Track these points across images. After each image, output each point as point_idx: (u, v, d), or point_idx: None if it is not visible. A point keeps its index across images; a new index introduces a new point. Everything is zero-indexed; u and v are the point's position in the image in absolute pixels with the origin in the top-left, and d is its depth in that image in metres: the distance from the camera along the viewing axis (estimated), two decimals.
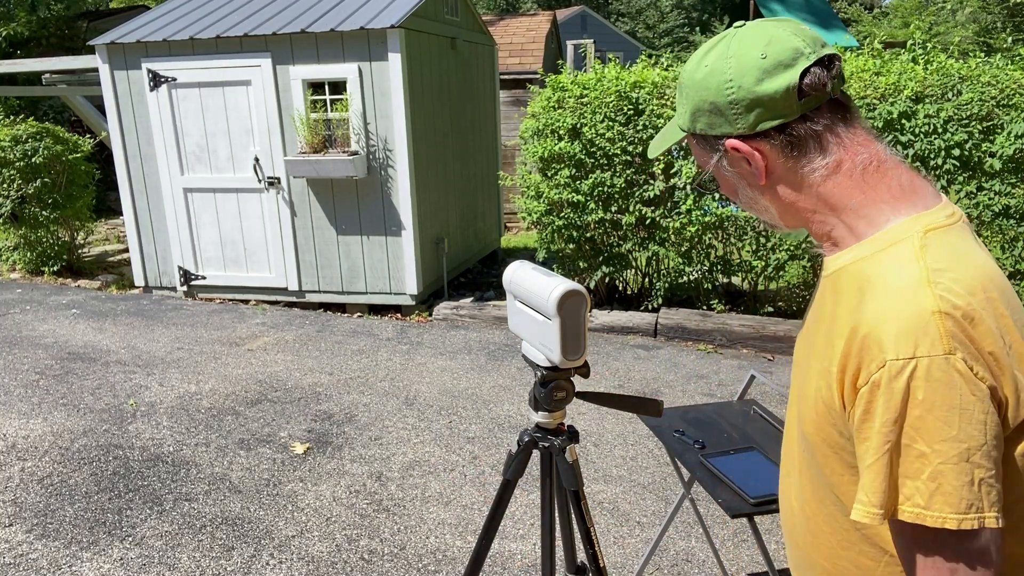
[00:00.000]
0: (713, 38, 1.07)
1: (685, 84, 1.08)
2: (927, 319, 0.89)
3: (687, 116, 1.09)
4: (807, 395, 1.04)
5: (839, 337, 0.97)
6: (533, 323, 1.61)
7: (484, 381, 4.93)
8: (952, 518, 0.89)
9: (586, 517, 1.70)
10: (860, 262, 1.00)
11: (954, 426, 0.88)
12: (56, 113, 12.03)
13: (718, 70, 1.03)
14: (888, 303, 0.93)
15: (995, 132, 4.99)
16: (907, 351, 0.89)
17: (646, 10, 32.95)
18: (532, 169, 6.01)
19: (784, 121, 1.01)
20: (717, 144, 1.06)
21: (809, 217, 1.06)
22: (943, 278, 0.92)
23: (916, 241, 0.96)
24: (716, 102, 1.03)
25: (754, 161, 1.04)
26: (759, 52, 1.01)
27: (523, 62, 10.78)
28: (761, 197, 1.08)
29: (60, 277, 7.81)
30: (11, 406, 4.56)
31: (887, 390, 0.90)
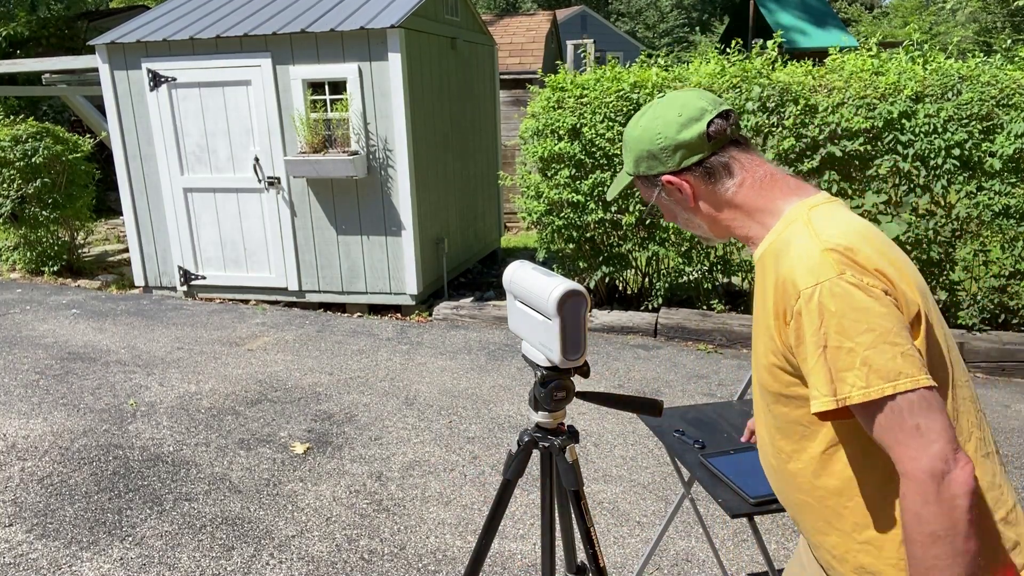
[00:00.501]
0: (643, 108, 1.46)
1: (627, 142, 1.46)
2: (820, 256, 1.22)
3: (631, 163, 1.46)
4: (759, 358, 1.35)
5: (769, 299, 1.29)
6: (533, 323, 1.61)
7: (484, 381, 4.93)
8: (889, 386, 1.16)
9: (586, 517, 1.70)
10: (773, 244, 1.33)
11: (863, 321, 1.17)
12: (56, 113, 12.03)
13: (649, 128, 1.42)
14: (793, 257, 1.25)
15: (995, 132, 4.99)
16: (812, 280, 1.21)
17: (646, 10, 32.94)
18: (532, 169, 6.01)
19: (701, 157, 1.39)
20: (656, 181, 1.43)
21: (730, 225, 1.41)
22: (825, 232, 1.26)
23: (804, 216, 1.31)
24: (651, 150, 1.41)
25: (684, 190, 1.41)
26: (676, 113, 1.39)
27: (523, 62, 10.78)
28: (694, 216, 1.44)
29: (60, 277, 7.81)
30: (11, 406, 4.56)
31: (807, 311, 1.21)
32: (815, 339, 1.20)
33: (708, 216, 1.42)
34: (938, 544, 1.13)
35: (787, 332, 1.25)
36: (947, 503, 1.12)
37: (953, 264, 5.29)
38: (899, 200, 5.23)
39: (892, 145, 5.12)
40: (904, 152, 5.10)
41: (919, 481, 1.14)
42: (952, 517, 1.12)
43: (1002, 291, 5.25)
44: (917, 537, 1.15)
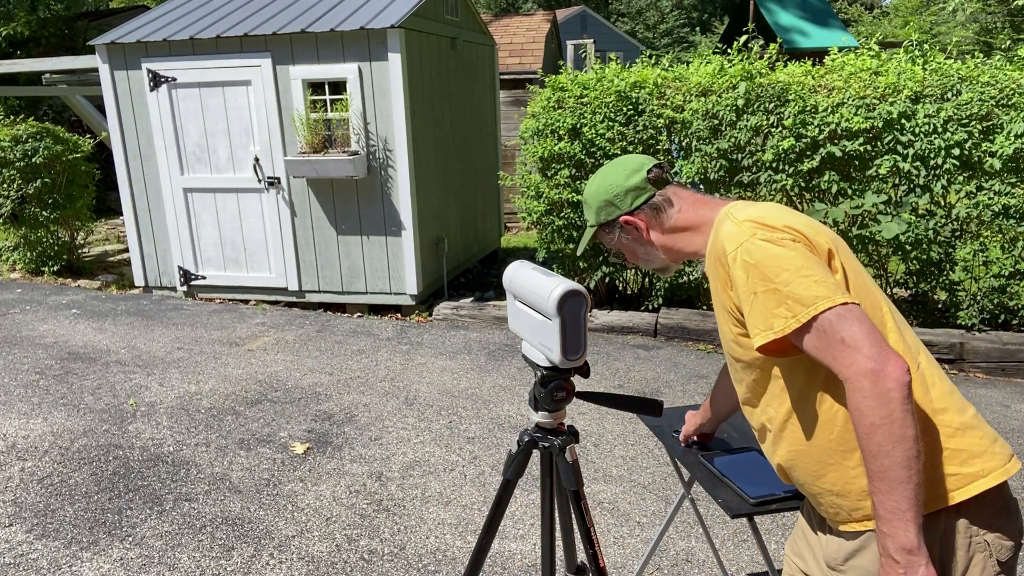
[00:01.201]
0: (592, 177, 1.77)
1: (587, 200, 1.74)
2: (736, 227, 1.47)
3: (593, 215, 1.74)
4: (727, 338, 1.57)
5: (716, 280, 1.52)
6: (533, 323, 1.61)
7: (484, 381, 4.93)
8: (811, 310, 1.34)
9: (586, 517, 1.70)
10: (711, 243, 1.56)
11: (778, 266, 1.38)
12: (56, 113, 12.03)
13: (603, 183, 1.71)
14: (720, 237, 1.51)
15: (995, 132, 4.99)
16: (733, 245, 1.45)
17: (646, 10, 32.94)
18: (532, 169, 6.01)
19: (647, 196, 1.67)
20: (615, 224, 1.70)
21: (680, 246, 1.66)
22: (740, 214, 1.51)
23: (724, 212, 1.57)
24: (608, 199, 1.69)
25: (639, 226, 1.68)
26: (621, 169, 1.70)
27: (523, 62, 10.78)
28: (652, 249, 1.70)
29: (60, 277, 7.82)
30: (11, 406, 4.56)
31: (735, 270, 1.44)
32: (746, 289, 1.42)
33: (661, 244, 1.68)
34: (878, 432, 1.27)
35: (731, 294, 1.47)
36: (882, 396, 1.26)
37: (953, 264, 5.29)
38: (899, 200, 5.23)
39: (892, 145, 5.12)
40: (904, 152, 5.10)
41: (854, 381, 1.29)
42: (888, 407, 1.26)
43: (1002, 291, 5.25)
44: (861, 430, 1.29)
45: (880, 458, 1.28)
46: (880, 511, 1.29)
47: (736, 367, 1.59)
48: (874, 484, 1.30)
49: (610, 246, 1.75)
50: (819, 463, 1.46)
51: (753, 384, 1.56)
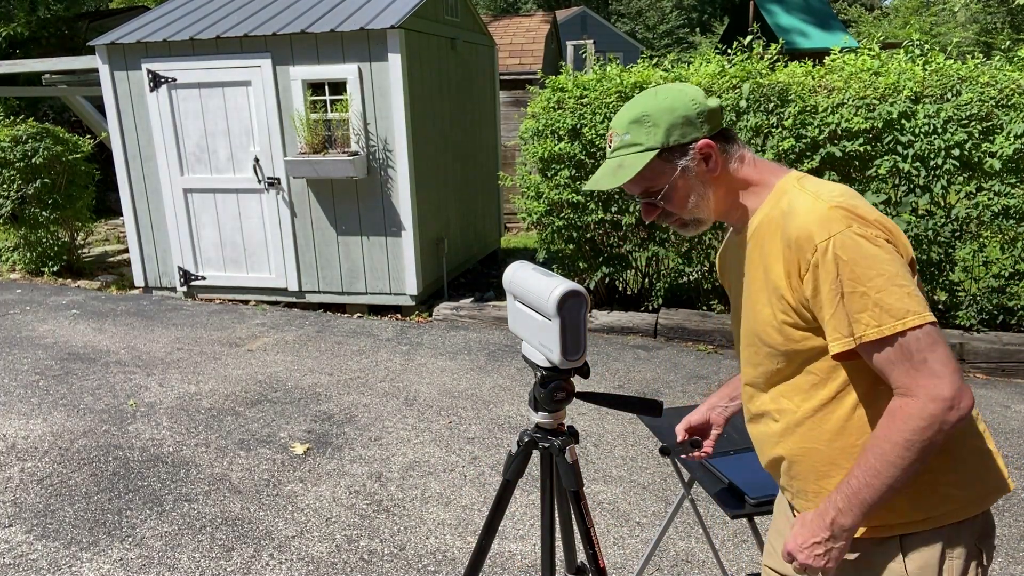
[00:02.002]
0: (642, 94, 1.49)
1: (651, 113, 1.45)
2: (827, 213, 1.33)
3: (661, 135, 1.44)
4: (762, 322, 1.45)
5: (776, 261, 1.39)
6: (533, 323, 1.61)
7: (484, 381, 4.93)
8: (899, 324, 1.28)
9: (586, 517, 1.70)
10: (770, 214, 1.43)
11: (873, 268, 1.29)
12: (56, 113, 12.03)
13: (680, 96, 1.45)
14: (801, 216, 1.36)
15: (994, 132, 4.99)
16: (825, 234, 1.32)
17: (646, 11, 32.94)
18: (532, 170, 6.01)
19: (721, 128, 1.47)
20: (686, 151, 1.44)
21: (735, 199, 1.49)
22: (824, 194, 1.38)
23: (795, 185, 1.43)
24: (687, 115, 1.43)
25: (714, 154, 1.44)
26: (694, 88, 1.47)
27: (523, 62, 10.78)
28: (708, 190, 1.47)
29: (60, 277, 7.81)
30: (11, 406, 4.56)
31: (823, 263, 1.31)
32: (832, 287, 1.31)
33: (723, 189, 1.48)
34: (909, 448, 1.28)
35: (800, 286, 1.35)
36: (940, 423, 1.26)
37: (953, 264, 5.29)
38: (899, 200, 5.23)
39: (892, 146, 5.12)
40: (904, 152, 5.10)
41: (922, 401, 1.27)
42: (936, 435, 1.27)
43: (1001, 292, 5.25)
44: (891, 436, 1.29)
45: (888, 466, 1.29)
46: (848, 492, 1.33)
47: (760, 350, 1.49)
48: (861, 473, 1.32)
49: (655, 186, 1.48)
50: (830, 464, 1.44)
51: (774, 372, 1.48)
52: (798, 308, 1.38)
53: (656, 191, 1.48)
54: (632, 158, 1.46)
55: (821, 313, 1.35)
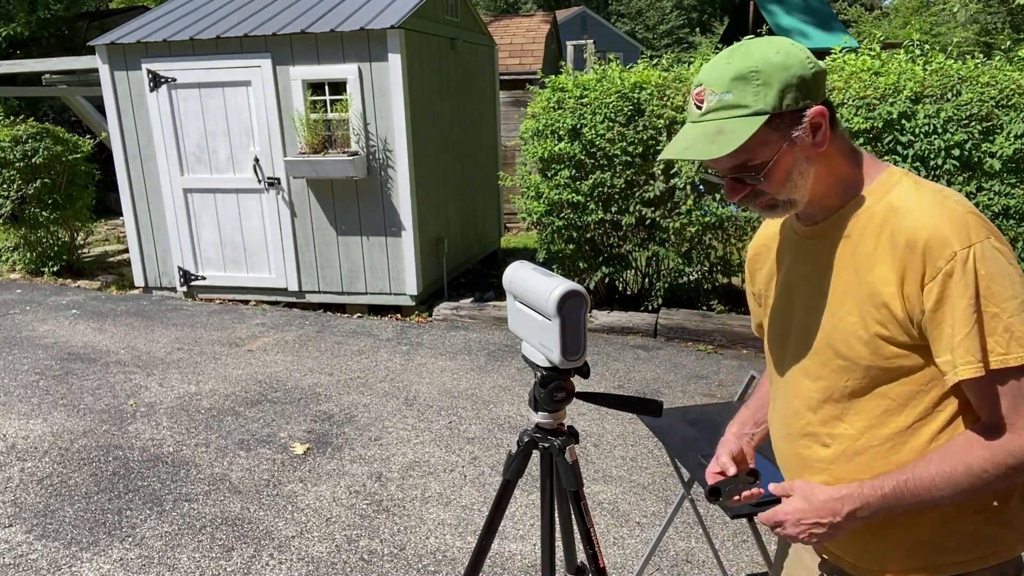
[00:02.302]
0: (734, 46, 1.25)
1: (763, 70, 1.20)
2: (964, 217, 1.18)
3: (773, 97, 1.20)
4: (845, 331, 1.27)
5: (881, 263, 1.22)
6: (533, 323, 1.61)
7: (484, 381, 4.93)
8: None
9: (586, 517, 1.70)
10: (874, 208, 1.25)
11: (1008, 288, 1.16)
12: (56, 113, 12.03)
13: (793, 52, 1.22)
14: (929, 217, 1.18)
15: (994, 132, 4.99)
16: (965, 241, 1.15)
17: (646, 11, 32.95)
18: (532, 170, 6.01)
19: (828, 97, 1.26)
20: (799, 118, 1.22)
21: (829, 183, 1.28)
22: (948, 193, 1.22)
23: (907, 180, 1.26)
24: (803, 75, 1.21)
25: (825, 125, 1.23)
26: (800, 45, 1.24)
27: (523, 62, 10.78)
28: (812, 168, 1.26)
29: (60, 277, 7.81)
30: (11, 406, 4.56)
31: (961, 273, 1.15)
32: (967, 303, 1.15)
33: (822, 167, 1.27)
34: (977, 481, 1.18)
35: (918, 295, 1.18)
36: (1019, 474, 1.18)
37: None
38: None
39: (892, 146, 5.12)
40: (904, 152, 5.10)
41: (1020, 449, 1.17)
42: (1018, 478, 1.18)
43: None
44: (976, 466, 1.18)
45: (950, 487, 1.19)
46: (888, 494, 1.23)
47: (830, 362, 1.30)
48: (914, 482, 1.21)
49: (756, 156, 1.23)
50: None
51: (839, 389, 1.30)
52: (904, 321, 1.20)
53: (755, 166, 1.24)
54: (736, 123, 1.21)
55: (941, 330, 1.17)
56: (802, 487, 1.32)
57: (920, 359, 1.23)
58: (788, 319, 1.40)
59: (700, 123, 1.24)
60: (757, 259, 1.52)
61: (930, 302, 1.17)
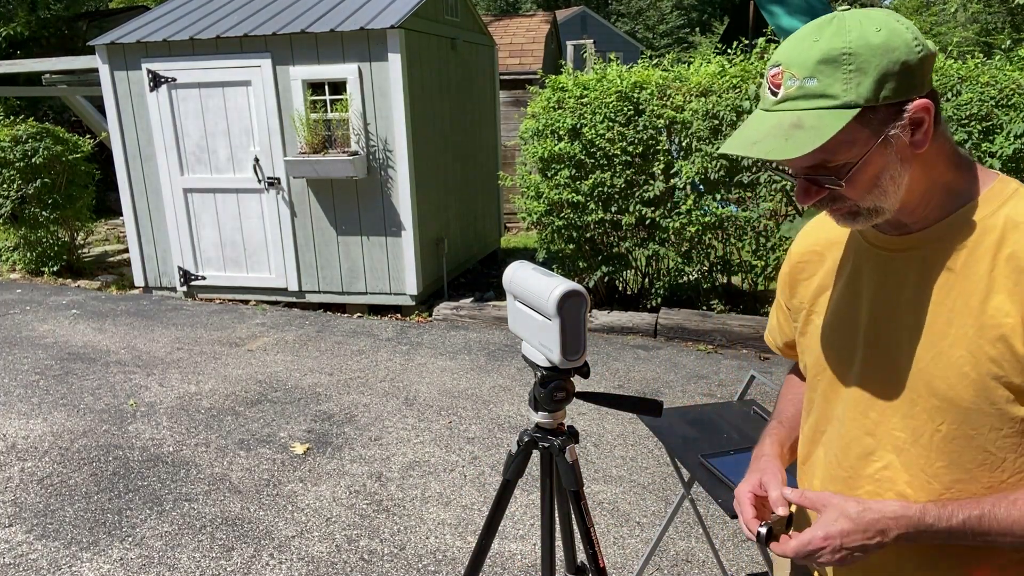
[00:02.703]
0: (818, 20, 1.03)
1: (858, 52, 0.98)
2: None
3: (869, 87, 0.98)
4: (948, 366, 1.06)
5: (1001, 288, 1.01)
6: (533, 323, 1.61)
7: (484, 381, 4.93)
8: None
9: (586, 517, 1.70)
10: (982, 221, 1.05)
11: None
12: (56, 113, 12.03)
13: (898, 31, 0.99)
14: None
15: (994, 132, 5.00)
16: None
17: (646, 11, 32.96)
18: (532, 169, 6.01)
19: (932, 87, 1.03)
20: (898, 113, 1.00)
21: (927, 189, 1.07)
22: None
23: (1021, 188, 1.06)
24: (908, 61, 0.98)
25: (927, 122, 1.01)
26: (906, 21, 1.02)
27: (523, 62, 10.78)
28: (907, 172, 1.04)
29: (60, 277, 7.81)
30: (11, 406, 4.56)
31: None
32: None
33: (919, 170, 1.05)
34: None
35: None
36: None
37: None
38: None
39: None
40: None
41: None
42: None
43: None
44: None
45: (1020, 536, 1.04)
46: (950, 526, 1.05)
47: (922, 401, 1.10)
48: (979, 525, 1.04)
49: (839, 156, 1.02)
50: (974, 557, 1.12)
51: (931, 433, 1.10)
52: (1022, 357, 1.01)
53: (836, 167, 1.03)
54: (818, 116, 0.99)
55: None
56: (841, 503, 1.09)
57: None
58: (853, 341, 1.19)
59: (774, 112, 1.03)
60: (804, 268, 1.30)
61: None
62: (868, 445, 1.16)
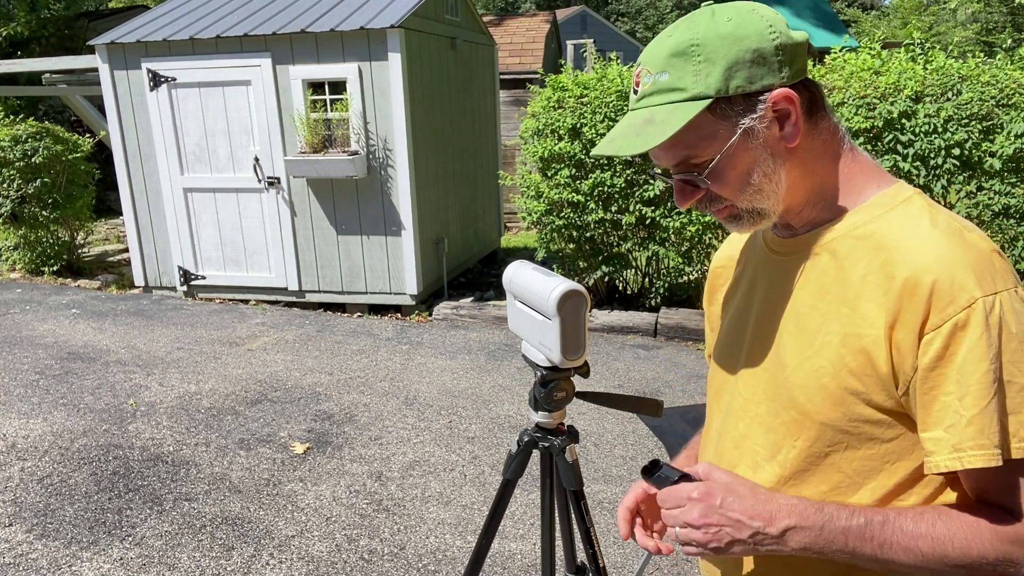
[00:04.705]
0: (677, 22, 1.00)
1: (705, 43, 0.94)
2: (989, 257, 0.91)
3: (719, 77, 0.94)
4: (809, 375, 1.00)
5: (869, 300, 0.95)
6: (533, 323, 1.61)
7: (484, 381, 4.93)
8: None
9: (586, 517, 1.70)
10: (862, 226, 0.99)
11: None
12: (56, 113, 12.03)
13: (749, 20, 0.95)
14: (942, 248, 0.91)
15: (995, 132, 4.99)
16: (990, 287, 0.89)
17: (646, 10, 32.96)
18: (532, 169, 6.01)
19: (805, 78, 0.98)
20: (754, 103, 0.95)
21: (810, 189, 1.02)
22: (968, 226, 0.95)
23: (919, 199, 0.99)
24: (760, 48, 0.94)
25: (795, 113, 0.96)
26: (767, 9, 0.98)
27: (523, 62, 10.78)
28: (781, 169, 0.99)
29: (60, 277, 7.81)
30: (11, 406, 4.56)
31: (980, 328, 0.88)
32: (986, 367, 0.88)
33: (797, 169, 1.00)
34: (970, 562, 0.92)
35: (912, 345, 0.91)
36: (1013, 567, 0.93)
37: None
38: None
39: (892, 145, 5.12)
40: (904, 152, 5.10)
41: None
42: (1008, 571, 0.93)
43: None
44: (973, 547, 0.92)
45: (922, 555, 0.93)
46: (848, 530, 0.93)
47: (783, 414, 1.03)
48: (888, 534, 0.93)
49: (699, 151, 0.98)
50: None
51: (787, 449, 1.03)
52: (887, 377, 0.94)
53: (700, 163, 0.99)
54: (668, 110, 0.96)
55: (935, 397, 0.91)
56: (729, 478, 0.98)
57: (895, 431, 0.96)
58: (739, 349, 1.13)
59: (635, 111, 1.00)
60: (721, 274, 1.27)
61: (927, 357, 0.90)
62: (733, 459, 1.11)
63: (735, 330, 1.15)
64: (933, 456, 0.92)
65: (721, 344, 1.20)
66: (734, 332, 1.16)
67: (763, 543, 0.94)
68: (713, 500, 0.96)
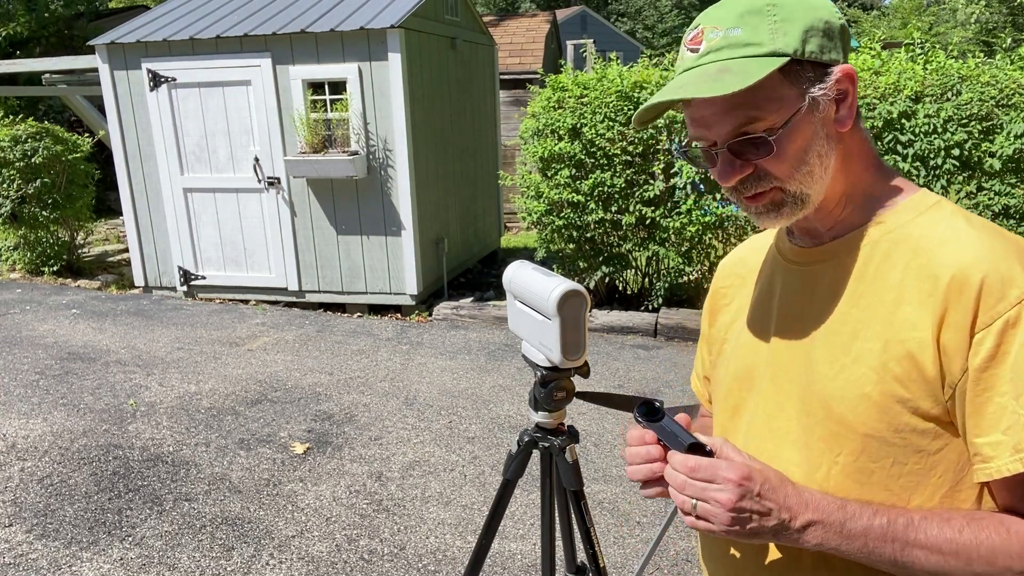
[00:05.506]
0: None
1: (785, 5, 0.93)
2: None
3: (797, 37, 0.91)
4: (847, 386, 0.95)
5: (910, 300, 0.91)
6: (533, 323, 1.61)
7: (484, 381, 4.93)
8: None
9: (586, 517, 1.70)
10: (896, 230, 0.96)
11: None
12: (56, 113, 12.03)
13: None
14: (984, 246, 0.89)
15: (995, 132, 4.99)
16: None
17: (645, 10, 32.96)
18: (532, 169, 6.01)
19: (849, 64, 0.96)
20: (823, 74, 0.93)
21: (846, 186, 0.99)
22: (1000, 229, 0.94)
23: (948, 205, 0.97)
24: (830, 22, 0.93)
25: (851, 94, 0.94)
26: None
27: (523, 62, 10.78)
28: (832, 153, 0.96)
29: (60, 277, 7.81)
30: (11, 406, 4.56)
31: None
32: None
33: (840, 159, 0.97)
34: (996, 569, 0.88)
35: (962, 345, 0.87)
36: None
37: None
38: None
39: (892, 145, 5.12)
40: (904, 152, 5.10)
41: None
42: None
43: None
44: (999, 556, 0.87)
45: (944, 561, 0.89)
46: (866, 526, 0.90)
47: (820, 427, 0.98)
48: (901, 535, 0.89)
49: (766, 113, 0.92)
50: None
51: (828, 466, 0.98)
52: (934, 380, 0.89)
53: (765, 127, 0.92)
54: (744, 63, 0.91)
55: (989, 399, 0.87)
56: (760, 464, 0.93)
57: (940, 441, 0.92)
58: (758, 364, 1.08)
59: (697, 68, 0.94)
60: (725, 294, 1.22)
61: (979, 357, 0.86)
62: None
63: (750, 349, 1.11)
64: (993, 461, 0.87)
65: (735, 364, 1.14)
66: (750, 351, 1.11)
67: (781, 535, 0.91)
68: (752, 486, 0.89)
